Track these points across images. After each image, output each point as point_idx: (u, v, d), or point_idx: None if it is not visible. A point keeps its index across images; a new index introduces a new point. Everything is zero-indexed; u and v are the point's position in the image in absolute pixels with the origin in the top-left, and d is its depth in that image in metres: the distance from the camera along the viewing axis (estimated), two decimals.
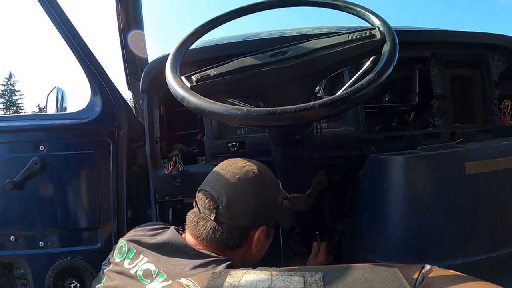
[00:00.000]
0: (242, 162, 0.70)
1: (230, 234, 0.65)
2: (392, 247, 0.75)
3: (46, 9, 1.03)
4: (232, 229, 0.65)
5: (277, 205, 0.73)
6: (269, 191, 0.70)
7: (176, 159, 1.00)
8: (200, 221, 0.66)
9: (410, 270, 0.38)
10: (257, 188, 0.66)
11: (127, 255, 0.66)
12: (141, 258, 0.64)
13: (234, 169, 0.67)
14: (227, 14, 0.69)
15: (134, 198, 1.17)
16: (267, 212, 0.69)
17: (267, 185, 0.69)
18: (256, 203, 0.66)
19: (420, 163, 0.71)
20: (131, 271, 0.63)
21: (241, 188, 0.65)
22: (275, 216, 0.72)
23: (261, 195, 0.67)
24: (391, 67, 0.50)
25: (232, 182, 0.66)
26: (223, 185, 0.66)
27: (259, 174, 0.67)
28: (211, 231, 0.65)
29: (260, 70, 0.56)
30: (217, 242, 0.65)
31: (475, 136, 0.99)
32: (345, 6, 0.64)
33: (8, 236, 1.09)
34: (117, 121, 1.13)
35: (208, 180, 0.69)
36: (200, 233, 0.66)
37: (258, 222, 0.67)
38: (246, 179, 0.66)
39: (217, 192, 0.65)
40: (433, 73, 1.00)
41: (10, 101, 33.57)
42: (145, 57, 1.26)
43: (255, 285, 0.36)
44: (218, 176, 0.68)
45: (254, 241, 0.67)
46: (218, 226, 0.65)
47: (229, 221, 0.65)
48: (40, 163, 1.07)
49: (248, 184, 0.66)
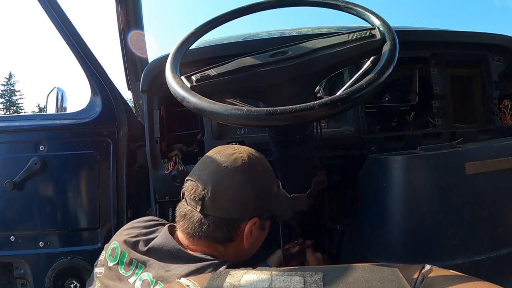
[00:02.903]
0: (232, 149, 0.65)
1: (217, 228, 0.60)
2: (392, 247, 0.75)
3: (46, 9, 1.03)
4: (219, 221, 0.60)
5: (271, 195, 0.67)
6: (261, 180, 0.64)
7: (176, 159, 1.00)
8: (187, 214, 0.62)
9: (410, 270, 0.38)
10: (247, 177, 0.61)
11: (120, 260, 0.63)
12: (136, 265, 0.61)
13: (222, 157, 0.63)
14: (227, 14, 0.69)
15: (134, 198, 1.17)
16: (259, 203, 0.64)
17: (259, 174, 0.64)
18: (246, 193, 0.61)
19: (420, 163, 0.71)
20: (129, 280, 0.60)
21: (228, 177, 0.61)
22: (269, 207, 0.67)
23: (251, 185, 0.62)
24: (391, 67, 0.50)
25: (219, 170, 0.61)
26: (209, 174, 0.61)
27: (249, 162, 0.62)
28: (198, 225, 0.61)
29: (260, 70, 0.55)
30: (205, 237, 0.61)
31: (475, 136, 0.99)
32: (345, 6, 0.64)
33: (8, 236, 1.09)
34: (117, 121, 1.13)
35: (195, 169, 0.65)
36: (188, 227, 0.62)
37: (249, 214, 0.62)
38: (234, 167, 0.61)
39: (202, 182, 0.61)
40: (433, 73, 1.00)
41: (10, 101, 33.58)
42: (145, 57, 1.26)
43: (255, 285, 0.36)
44: (204, 164, 0.63)
45: (245, 234, 0.62)
46: (205, 219, 0.60)
47: (216, 213, 0.60)
48: (40, 163, 1.07)
49: (236, 173, 0.61)
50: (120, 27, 1.16)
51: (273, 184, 0.69)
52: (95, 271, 0.67)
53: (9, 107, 33.20)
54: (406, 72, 1.04)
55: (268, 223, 0.69)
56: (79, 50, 1.09)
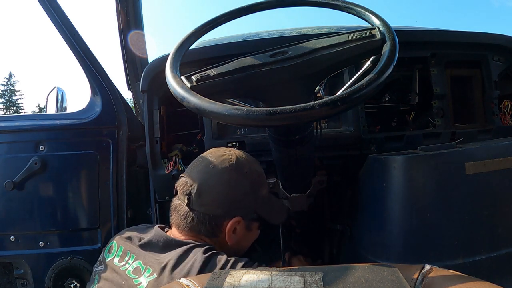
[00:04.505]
0: (223, 150, 0.70)
1: (201, 222, 0.65)
2: (392, 247, 0.75)
3: (46, 9, 1.03)
4: (203, 216, 0.65)
5: (257, 198, 0.70)
6: (246, 182, 0.67)
7: (176, 159, 1.00)
8: (177, 207, 0.68)
9: (410, 270, 0.38)
10: (232, 177, 0.65)
11: (116, 253, 0.68)
12: (129, 256, 0.66)
13: (212, 157, 0.68)
14: (227, 14, 0.69)
15: (134, 198, 1.17)
16: (244, 203, 0.68)
17: (245, 175, 0.67)
18: (230, 192, 0.65)
19: (420, 163, 0.71)
20: (121, 268, 0.64)
21: (214, 176, 0.65)
22: (255, 209, 0.70)
23: (236, 185, 0.66)
24: (391, 67, 0.50)
25: (206, 170, 0.66)
26: (198, 172, 0.67)
27: (236, 163, 0.66)
28: (184, 217, 0.66)
29: (260, 70, 0.55)
30: (190, 229, 0.66)
31: (475, 136, 0.99)
32: (345, 6, 0.64)
33: (8, 236, 1.08)
34: (117, 121, 1.13)
35: (189, 166, 0.71)
36: (177, 219, 0.67)
37: (232, 213, 0.66)
38: (220, 168, 0.65)
39: (191, 179, 0.66)
40: (433, 73, 1.00)
41: (10, 101, 33.58)
42: (145, 57, 1.26)
43: (255, 285, 0.36)
44: (195, 163, 0.69)
45: (227, 232, 0.66)
46: (190, 213, 0.65)
47: (200, 209, 0.65)
48: (40, 163, 1.06)
49: (222, 173, 0.65)
50: (120, 27, 1.17)
51: (262, 187, 0.72)
52: (94, 270, 0.71)
53: (9, 107, 33.20)
54: (406, 72, 1.04)
55: (255, 225, 0.72)
56: (79, 50, 1.09)
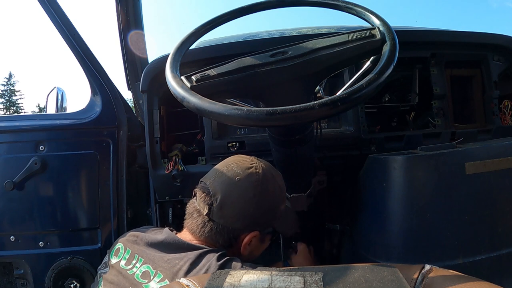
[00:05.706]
0: (250, 162, 0.66)
1: (219, 233, 0.63)
2: (392, 247, 0.75)
3: (46, 9, 1.03)
4: (222, 228, 0.63)
5: (277, 214, 0.68)
6: (270, 200, 0.65)
7: (176, 159, 1.00)
8: (194, 213, 0.65)
9: (410, 270, 0.38)
10: (257, 194, 0.62)
11: (123, 256, 0.66)
12: (137, 259, 0.63)
13: (238, 169, 0.64)
14: (227, 14, 0.69)
15: (134, 198, 1.17)
16: (264, 220, 0.66)
17: (269, 193, 0.64)
18: (252, 209, 0.62)
19: (420, 163, 0.71)
20: (128, 272, 0.62)
21: (239, 190, 0.62)
22: (273, 224, 0.69)
23: (259, 203, 0.63)
24: (391, 67, 0.50)
25: (231, 182, 0.62)
26: (222, 183, 0.63)
27: (262, 179, 0.63)
28: (201, 225, 0.63)
29: (260, 70, 0.55)
30: (206, 237, 0.64)
31: (475, 136, 0.99)
32: (345, 6, 0.64)
33: (8, 236, 1.08)
34: (117, 121, 1.13)
35: (210, 173, 0.67)
36: (193, 226, 0.65)
37: (250, 228, 0.64)
38: (247, 182, 0.62)
39: (214, 189, 0.63)
40: (433, 73, 1.00)
41: (10, 101, 33.56)
42: (145, 57, 1.26)
43: (255, 285, 0.36)
44: (220, 172, 0.65)
45: (243, 244, 0.65)
46: (208, 222, 0.63)
47: (220, 221, 0.62)
48: (40, 163, 1.06)
49: (248, 188, 0.62)
50: (120, 27, 1.16)
51: (282, 203, 0.70)
52: (99, 272, 0.69)
53: (9, 107, 33.18)
54: (406, 72, 1.04)
55: (268, 237, 0.72)
56: (79, 50, 1.09)
